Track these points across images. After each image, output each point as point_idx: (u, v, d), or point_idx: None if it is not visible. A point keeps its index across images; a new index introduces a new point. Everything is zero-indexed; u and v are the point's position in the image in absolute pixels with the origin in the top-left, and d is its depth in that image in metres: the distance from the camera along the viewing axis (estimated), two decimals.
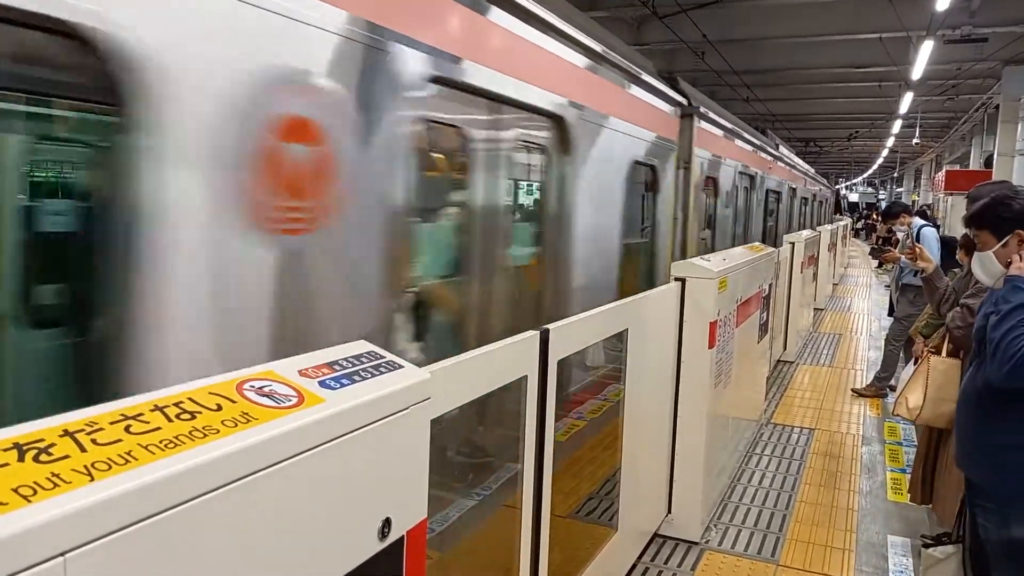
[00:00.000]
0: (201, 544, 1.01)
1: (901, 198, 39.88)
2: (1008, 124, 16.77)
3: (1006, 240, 2.68)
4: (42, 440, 0.94)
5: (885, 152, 36.60)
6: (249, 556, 1.09)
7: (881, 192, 61.23)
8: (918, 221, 7.78)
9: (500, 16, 3.06)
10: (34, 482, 0.86)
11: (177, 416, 1.07)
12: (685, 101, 6.02)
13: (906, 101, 18.54)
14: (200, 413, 1.10)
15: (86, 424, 0.99)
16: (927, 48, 12.36)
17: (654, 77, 5.17)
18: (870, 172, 53.16)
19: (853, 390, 7.48)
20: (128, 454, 0.96)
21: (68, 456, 0.92)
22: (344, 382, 1.34)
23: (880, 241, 12.91)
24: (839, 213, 29.82)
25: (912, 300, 7.02)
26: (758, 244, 6.24)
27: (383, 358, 1.50)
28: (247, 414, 1.14)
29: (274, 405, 1.19)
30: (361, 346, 1.52)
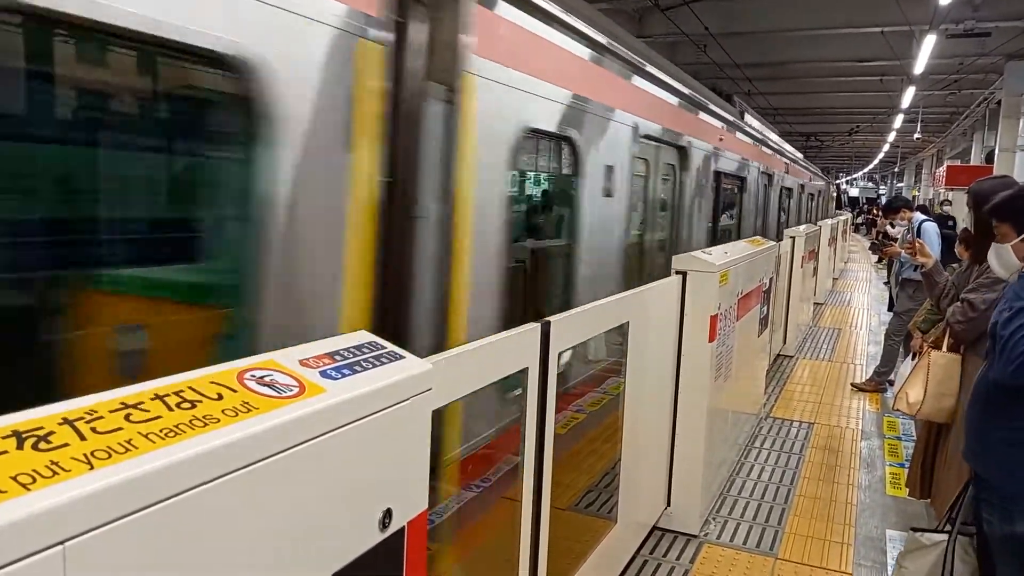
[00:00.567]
0: (201, 533, 1.00)
1: (902, 193, 39.86)
2: (1010, 119, 16.75)
3: None
4: (41, 428, 0.93)
5: (886, 147, 36.53)
6: (249, 546, 1.09)
7: (882, 187, 61.15)
8: (919, 216, 7.77)
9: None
10: (33, 470, 0.85)
11: (177, 405, 1.07)
12: None
13: (908, 96, 18.48)
14: (201, 402, 1.09)
15: (86, 412, 0.99)
16: (930, 42, 12.32)
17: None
18: (871, 167, 53.08)
19: (853, 384, 7.48)
20: (128, 443, 0.95)
21: (67, 444, 0.91)
22: (345, 372, 1.33)
23: (880, 236, 12.91)
24: (839, 208, 29.77)
25: (912, 295, 7.01)
26: (759, 238, 6.22)
27: (384, 348, 1.49)
28: (248, 403, 1.13)
29: (275, 395, 1.18)
30: (362, 336, 1.51)
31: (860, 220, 34.26)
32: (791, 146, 16.50)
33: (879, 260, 17.27)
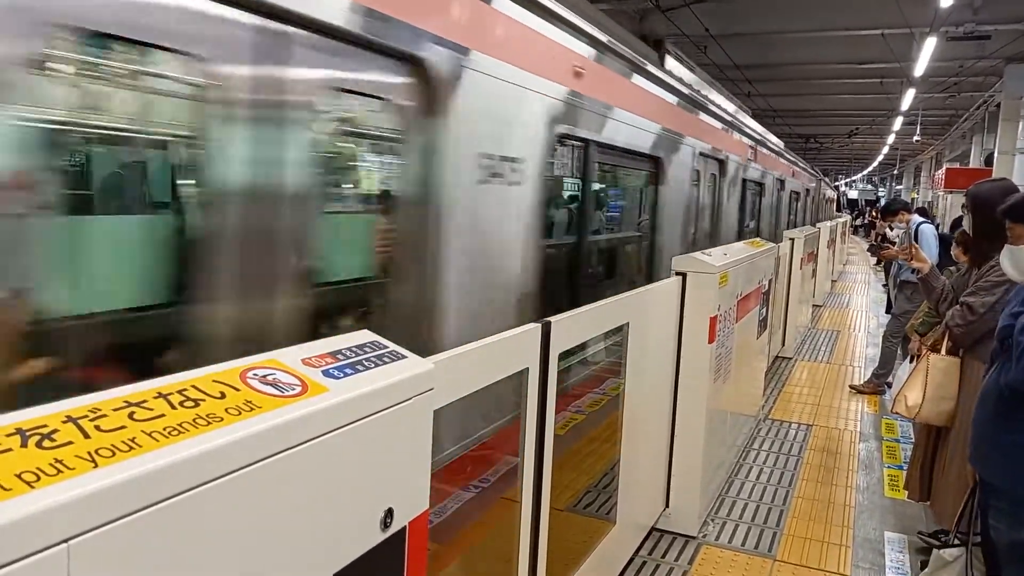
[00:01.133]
0: (203, 532, 1.00)
1: (900, 195, 39.88)
2: (1009, 122, 16.78)
3: None
4: (45, 426, 0.93)
5: (886, 149, 36.58)
6: (252, 545, 1.09)
7: (881, 189, 61.21)
8: (916, 218, 7.78)
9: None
10: (37, 468, 0.85)
11: (181, 403, 1.07)
12: None
13: (907, 98, 18.52)
14: (204, 401, 1.09)
15: (89, 411, 0.99)
16: (930, 45, 12.34)
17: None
18: (870, 169, 53.15)
19: (851, 386, 7.49)
20: (132, 441, 0.95)
21: (71, 442, 0.91)
22: (347, 371, 1.34)
23: (879, 238, 12.92)
24: (838, 210, 29.70)
25: (910, 297, 7.02)
26: (759, 240, 6.23)
27: (386, 348, 1.49)
28: (251, 402, 1.13)
29: (277, 394, 1.18)
30: (364, 336, 1.51)
31: (859, 222, 34.30)
32: (778, 138, 14.46)
33: (877, 263, 17.30)
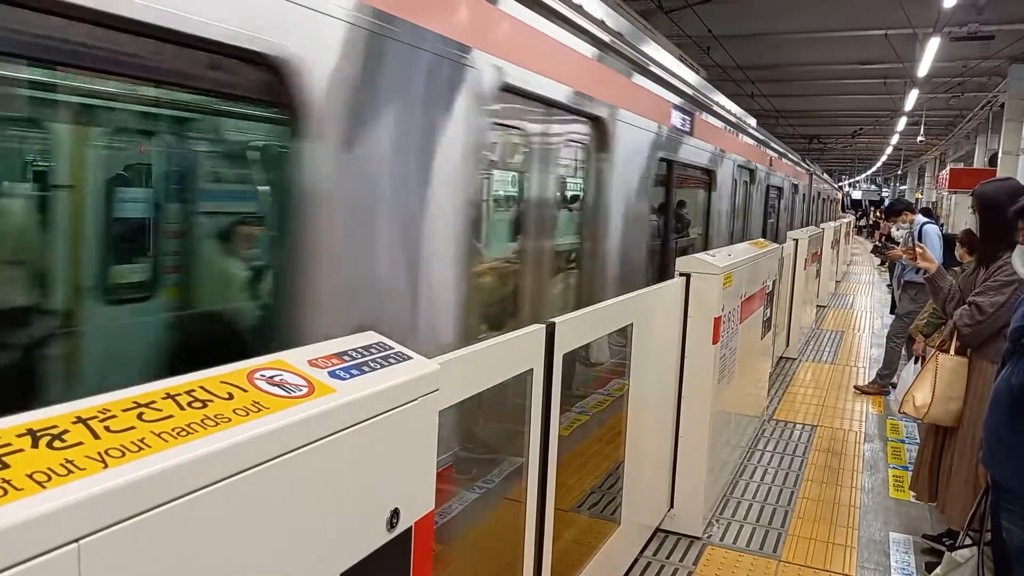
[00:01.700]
0: (212, 532, 1.01)
1: (904, 196, 39.79)
2: (1013, 122, 16.74)
3: None
4: (56, 426, 0.94)
5: (889, 150, 36.51)
6: (260, 545, 1.09)
7: (885, 190, 61.10)
8: (920, 218, 7.77)
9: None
10: (48, 468, 0.86)
11: (189, 404, 1.07)
12: None
13: (911, 98, 18.47)
14: (212, 402, 1.10)
15: (99, 411, 0.99)
16: (933, 45, 12.32)
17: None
18: (874, 169, 53.06)
19: (855, 387, 7.48)
20: (141, 441, 0.96)
21: (82, 443, 0.92)
22: (354, 372, 1.34)
23: (883, 239, 12.90)
24: (843, 210, 29.56)
25: (914, 297, 7.01)
26: (762, 240, 6.23)
27: (392, 349, 1.50)
28: (258, 403, 1.14)
29: (285, 395, 1.19)
30: (370, 337, 1.52)
31: (863, 223, 34.22)
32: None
33: (882, 263, 17.27)
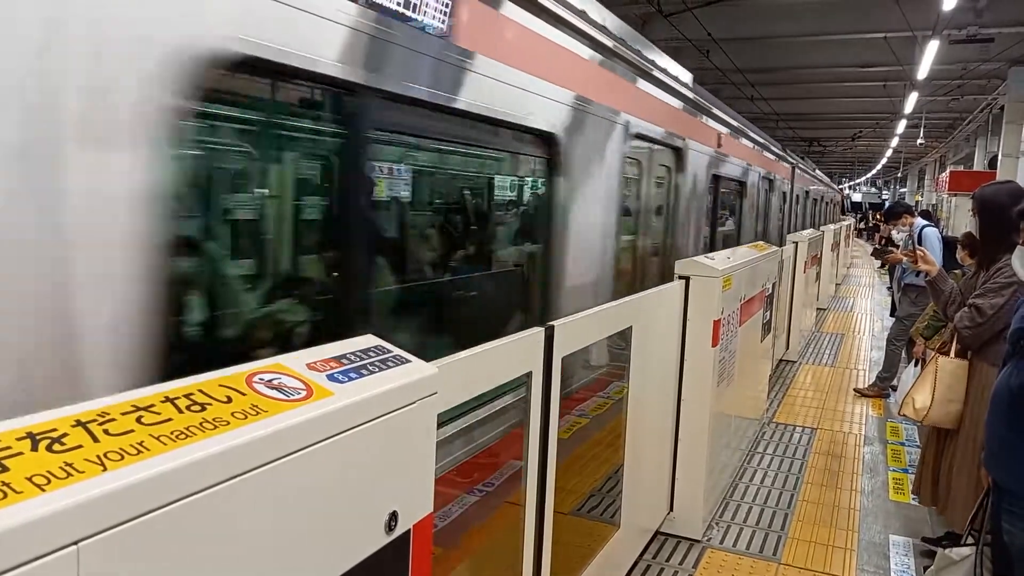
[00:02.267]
0: (211, 535, 1.01)
1: (904, 199, 39.80)
2: (1013, 125, 16.73)
3: None
4: (55, 430, 0.94)
5: (889, 152, 36.52)
6: (258, 547, 1.10)
7: (885, 192, 61.10)
8: (920, 221, 7.77)
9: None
10: (47, 471, 0.87)
11: (188, 408, 1.08)
12: None
13: (911, 101, 18.49)
14: (210, 405, 1.10)
15: (98, 415, 1.00)
16: (933, 48, 12.33)
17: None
18: (874, 172, 53.08)
19: (855, 390, 7.48)
20: (140, 444, 0.96)
21: (81, 446, 0.93)
22: (352, 376, 1.35)
23: (883, 242, 12.90)
24: (843, 213, 29.52)
25: (914, 300, 7.01)
26: (762, 243, 6.23)
27: (390, 352, 1.50)
28: (256, 406, 1.14)
29: (283, 398, 1.19)
30: (369, 340, 1.52)
31: (862, 225, 34.22)
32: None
33: (882, 266, 17.26)
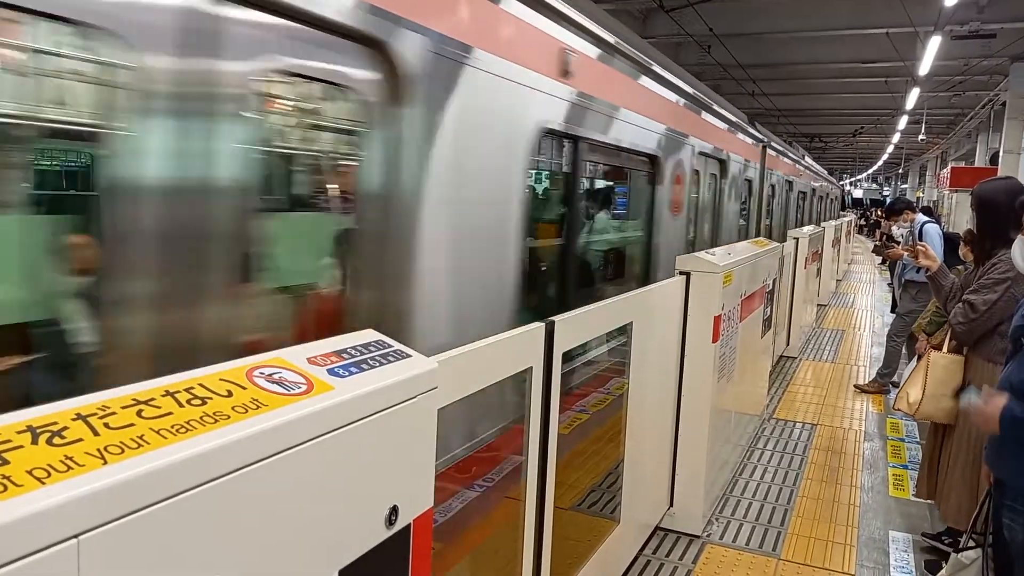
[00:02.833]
0: (211, 528, 1.01)
1: (905, 195, 39.78)
2: (1014, 121, 16.72)
3: None
4: (55, 423, 0.94)
5: (890, 148, 36.48)
6: (258, 541, 1.10)
7: (886, 189, 61.06)
8: (921, 217, 7.76)
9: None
10: (48, 464, 0.87)
11: (188, 401, 1.08)
12: None
13: (912, 97, 18.46)
14: (211, 399, 1.10)
15: (98, 408, 1.00)
16: (934, 44, 12.30)
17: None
18: (875, 168, 53.02)
19: (856, 386, 7.48)
20: (140, 438, 0.96)
21: (81, 439, 0.93)
22: (353, 370, 1.35)
23: (883, 238, 12.90)
24: (843, 209, 29.49)
25: (915, 296, 7.01)
26: (763, 239, 6.23)
27: (391, 347, 1.50)
28: (257, 400, 1.14)
29: (284, 392, 1.19)
30: (369, 335, 1.52)
31: (863, 222, 34.20)
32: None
33: (883, 262, 17.24)
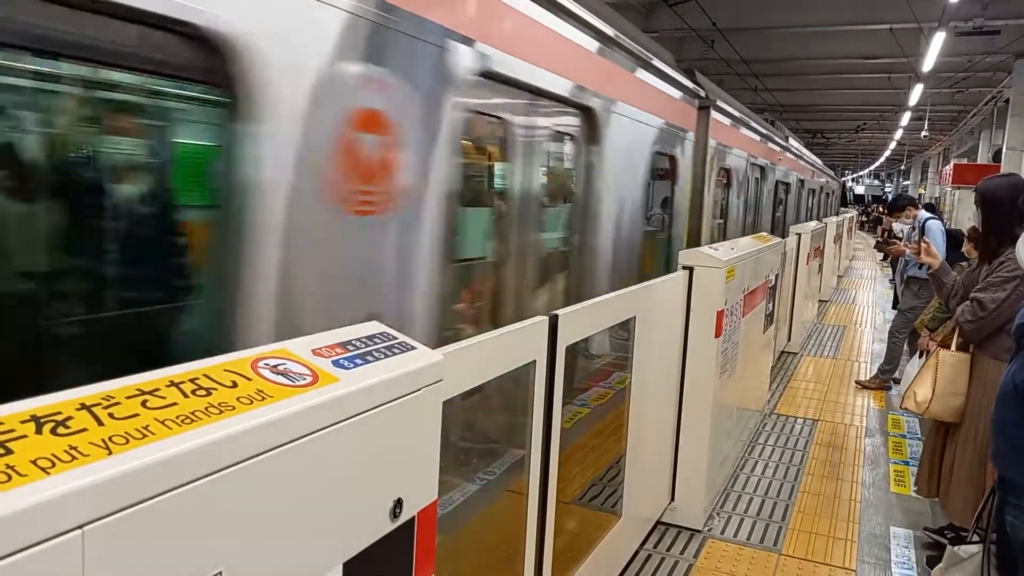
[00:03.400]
0: (215, 520, 1.01)
1: (907, 191, 39.73)
2: (1018, 118, 16.69)
3: None
4: (59, 413, 0.93)
5: (893, 144, 36.42)
6: (263, 533, 1.09)
7: (888, 185, 60.98)
8: (923, 214, 7.75)
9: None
10: (52, 454, 0.86)
11: (193, 392, 1.07)
12: None
13: (915, 93, 18.41)
14: (216, 390, 1.10)
15: (103, 398, 0.99)
16: (938, 40, 12.27)
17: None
18: (877, 164, 52.94)
19: (857, 382, 7.47)
20: (145, 429, 0.95)
21: (86, 429, 0.92)
22: (358, 362, 1.34)
23: (885, 234, 12.90)
24: (844, 205, 29.46)
25: (916, 292, 7.00)
26: (765, 234, 6.21)
27: (396, 339, 1.49)
28: (262, 392, 1.13)
29: (288, 383, 1.19)
30: (374, 327, 1.51)
31: (864, 218, 34.17)
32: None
33: (884, 258, 17.22)
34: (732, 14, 13.51)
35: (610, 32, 4.07)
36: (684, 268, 3.94)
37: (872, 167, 56.12)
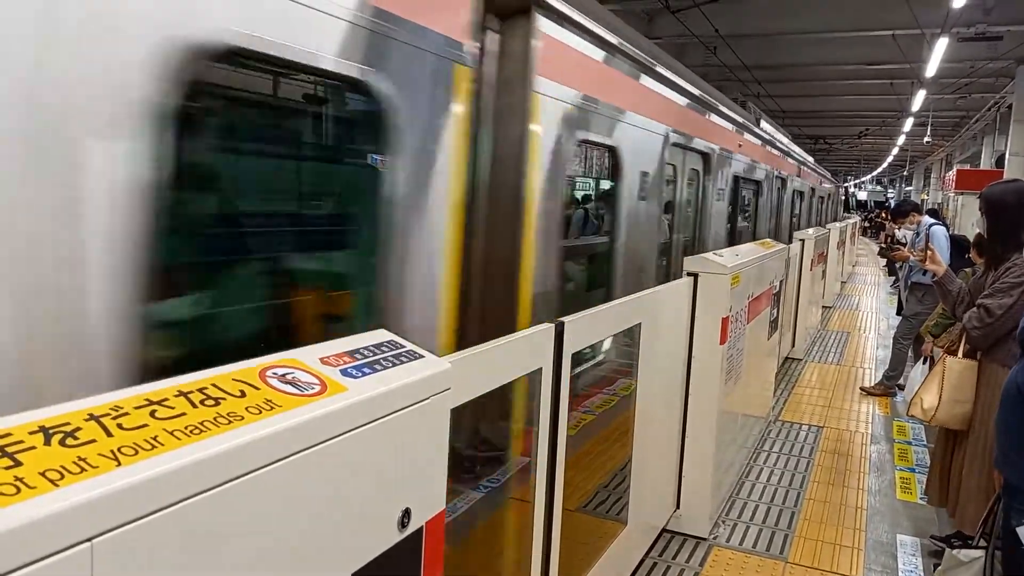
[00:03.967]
0: (225, 531, 1.00)
1: (910, 197, 39.68)
2: (1020, 123, 16.66)
3: None
4: (68, 424, 0.93)
5: (895, 150, 36.40)
6: (272, 544, 1.08)
7: (890, 191, 60.95)
8: (927, 220, 7.73)
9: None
10: (61, 466, 0.85)
11: (202, 402, 1.06)
12: None
13: (918, 99, 18.41)
14: (224, 399, 1.09)
15: (111, 408, 0.98)
16: (941, 46, 12.27)
17: None
18: (879, 170, 52.91)
19: (861, 388, 7.45)
20: (154, 439, 0.95)
21: (94, 440, 0.91)
22: (366, 371, 1.33)
23: (888, 240, 12.87)
24: (847, 210, 29.44)
25: (921, 298, 6.98)
26: (769, 240, 6.20)
27: (403, 347, 1.49)
28: (271, 401, 1.13)
29: (297, 393, 1.18)
30: (382, 335, 1.51)
31: (867, 224, 34.16)
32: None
33: (887, 264, 17.18)
34: (734, 21, 13.53)
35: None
36: (689, 274, 3.93)
37: (875, 173, 56.10)
